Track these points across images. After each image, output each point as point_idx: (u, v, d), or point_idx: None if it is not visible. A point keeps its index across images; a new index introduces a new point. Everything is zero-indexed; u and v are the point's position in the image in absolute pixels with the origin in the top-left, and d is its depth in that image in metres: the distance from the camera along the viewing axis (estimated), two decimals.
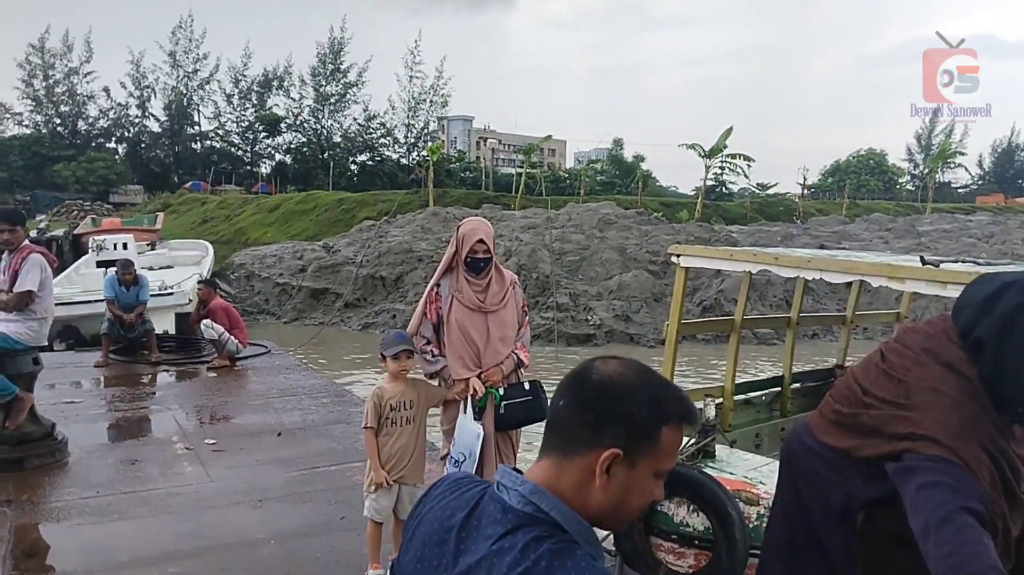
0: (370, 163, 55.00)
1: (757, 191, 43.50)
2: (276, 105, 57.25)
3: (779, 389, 6.09)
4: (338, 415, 7.27)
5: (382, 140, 56.30)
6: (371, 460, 3.76)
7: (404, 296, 18.38)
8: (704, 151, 35.59)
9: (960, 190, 58.95)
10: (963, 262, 4.80)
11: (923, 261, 4.31)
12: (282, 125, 56.77)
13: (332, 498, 5.05)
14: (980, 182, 63.96)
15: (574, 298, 17.12)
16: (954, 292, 3.65)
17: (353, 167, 55.14)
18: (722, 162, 37.52)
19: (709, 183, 37.92)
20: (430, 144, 43.71)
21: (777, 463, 4.14)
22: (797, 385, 6.21)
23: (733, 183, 43.12)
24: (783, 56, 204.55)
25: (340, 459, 5.88)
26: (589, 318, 16.46)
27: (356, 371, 13.00)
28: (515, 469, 1.31)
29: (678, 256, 5.19)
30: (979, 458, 1.64)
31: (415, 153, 54.99)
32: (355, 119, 56.12)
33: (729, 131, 35.38)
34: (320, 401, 7.85)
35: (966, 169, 58.47)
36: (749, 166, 38.15)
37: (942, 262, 4.37)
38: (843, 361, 6.79)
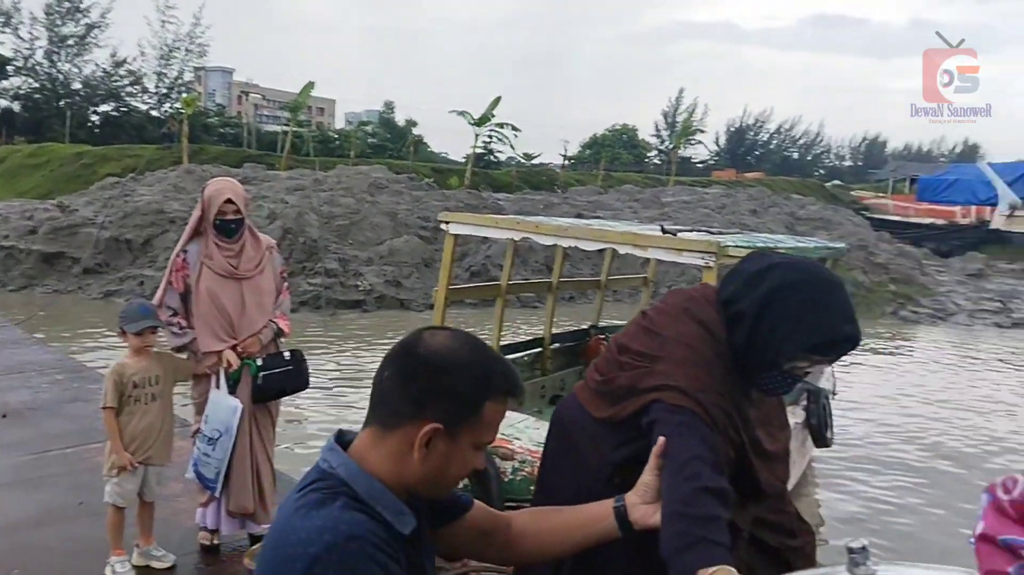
0: (115, 114, 49.77)
1: (523, 161, 45.03)
2: (1, 43, 49.98)
3: (540, 349, 6.40)
4: (75, 393, 6.60)
5: (129, 89, 51.21)
6: (112, 442, 3.44)
7: (154, 261, 16.97)
8: (473, 119, 36.15)
9: (699, 165, 64.87)
10: (698, 231, 5.31)
11: (663, 230, 4.71)
12: (9, 68, 49.67)
13: (68, 483, 4.60)
14: (716, 158, 70.91)
15: (343, 263, 16.78)
16: (689, 259, 4.04)
17: (95, 118, 49.60)
18: (490, 131, 38.37)
19: (478, 151, 38.65)
20: (185, 96, 40.39)
21: (534, 419, 4.37)
22: (556, 345, 6.58)
23: (501, 152, 44.23)
24: (551, 30, 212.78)
25: (77, 441, 5.36)
26: (359, 284, 16.23)
27: (96, 344, 11.85)
28: (340, 431, 1.32)
29: (447, 223, 5.28)
30: (721, 410, 1.78)
31: (167, 105, 50.64)
32: (99, 64, 50.49)
33: (497, 100, 36.18)
34: (53, 378, 7.08)
35: (704, 146, 64.51)
36: (516, 136, 39.35)
37: (679, 231, 4.79)
38: (597, 322, 7.26)
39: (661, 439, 1.60)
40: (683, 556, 1.46)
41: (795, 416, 5.53)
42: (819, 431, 5.76)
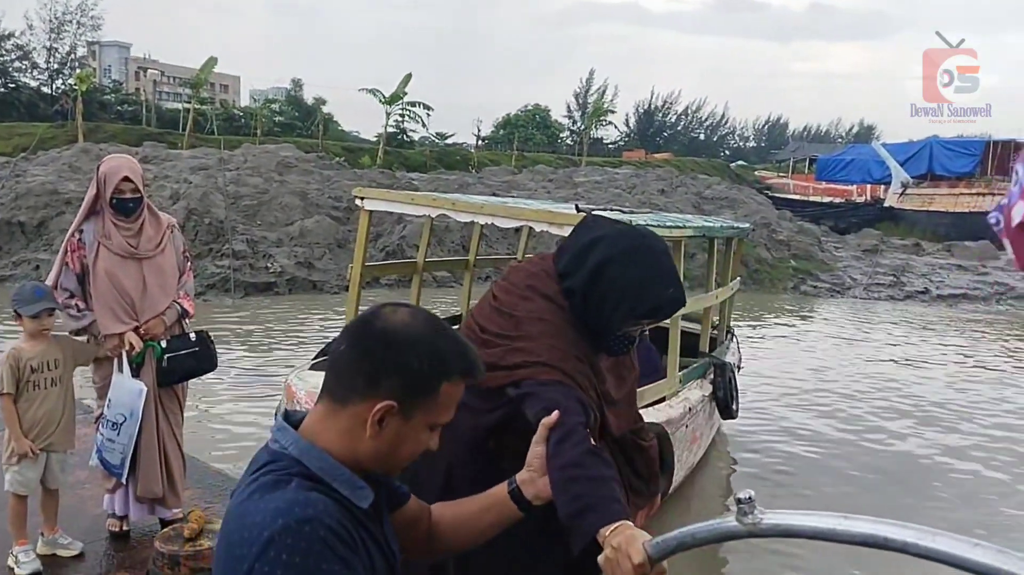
0: (2, 90, 46.91)
1: (436, 140, 44.70)
2: None
3: (457, 327, 6.40)
4: None
5: (17, 64, 48.24)
6: (11, 429, 3.31)
7: (49, 244, 16.15)
8: (384, 97, 35.66)
9: (610, 146, 65.77)
10: (611, 210, 5.42)
11: (578, 209, 4.80)
12: None
13: None
14: (626, 139, 72.06)
15: (252, 245, 16.33)
16: None
17: None
18: (403, 109, 37.94)
19: (390, 130, 38.17)
20: (78, 71, 38.34)
21: None
22: None
23: (414, 131, 43.80)
24: (462, 9, 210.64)
25: None
26: (269, 265, 15.84)
27: None
28: (287, 411, 1.29)
29: (362, 199, 5.21)
30: (583, 374, 1.88)
31: (60, 81, 48.03)
32: None
33: (408, 78, 35.75)
34: None
35: (615, 127, 65.39)
36: (428, 115, 39.07)
37: (594, 210, 4.88)
38: None
39: (555, 413, 1.63)
40: (584, 518, 1.49)
41: (702, 389, 5.74)
42: (725, 403, 6.00)
